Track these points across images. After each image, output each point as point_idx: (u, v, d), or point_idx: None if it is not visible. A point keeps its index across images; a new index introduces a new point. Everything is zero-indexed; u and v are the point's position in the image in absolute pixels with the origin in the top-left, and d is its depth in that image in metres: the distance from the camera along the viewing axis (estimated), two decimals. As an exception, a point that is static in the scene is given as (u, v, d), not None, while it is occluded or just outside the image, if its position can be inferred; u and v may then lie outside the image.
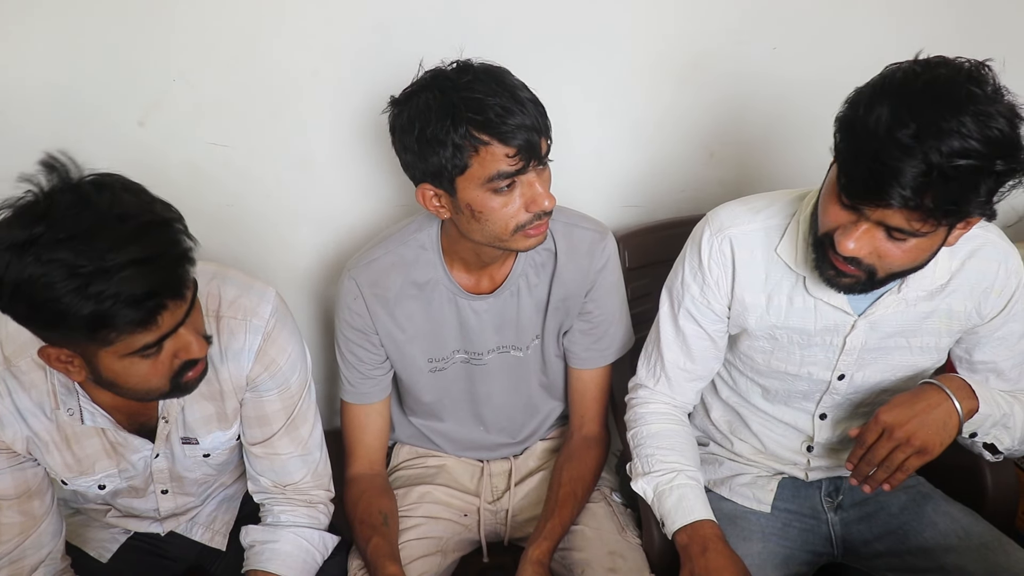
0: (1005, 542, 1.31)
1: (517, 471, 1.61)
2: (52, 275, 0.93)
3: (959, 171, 0.97)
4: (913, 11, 1.77)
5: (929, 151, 0.97)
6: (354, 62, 1.54)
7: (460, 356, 1.49)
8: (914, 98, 0.99)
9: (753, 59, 1.73)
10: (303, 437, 1.36)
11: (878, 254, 1.10)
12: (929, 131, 0.97)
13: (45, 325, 0.99)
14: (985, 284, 1.26)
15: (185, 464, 1.34)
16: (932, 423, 1.20)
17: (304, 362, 1.34)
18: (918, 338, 1.30)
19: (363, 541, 1.40)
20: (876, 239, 1.09)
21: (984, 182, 1.00)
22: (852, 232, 1.09)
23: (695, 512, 1.31)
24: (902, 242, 1.07)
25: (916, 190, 0.99)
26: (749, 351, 1.37)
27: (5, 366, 1.16)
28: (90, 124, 1.46)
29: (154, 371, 1.07)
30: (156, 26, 1.42)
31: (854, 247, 1.09)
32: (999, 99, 1.00)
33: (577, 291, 1.46)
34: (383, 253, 1.42)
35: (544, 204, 1.25)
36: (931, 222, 1.03)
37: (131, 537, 1.45)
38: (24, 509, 1.23)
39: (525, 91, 1.23)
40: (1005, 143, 0.99)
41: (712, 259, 1.32)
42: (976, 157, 0.97)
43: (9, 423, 1.18)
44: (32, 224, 0.95)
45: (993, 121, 0.98)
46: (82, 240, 0.94)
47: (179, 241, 1.01)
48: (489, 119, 1.18)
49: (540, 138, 1.22)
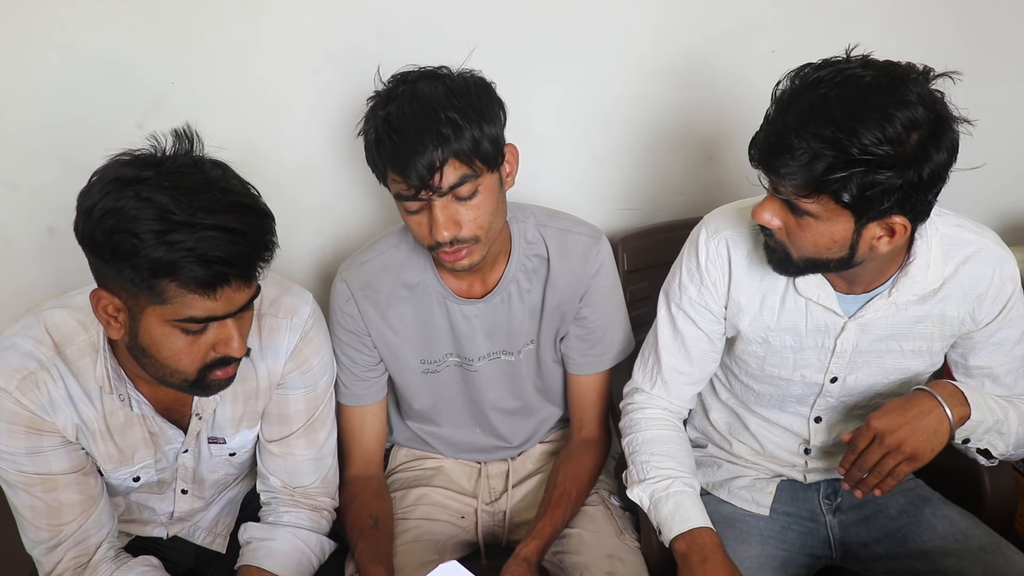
0: (1003, 545, 1.31)
1: (515, 473, 1.60)
2: (144, 212, 0.97)
3: (821, 145, 1.04)
4: (913, 13, 1.78)
5: (806, 125, 1.05)
6: (353, 63, 1.53)
7: (453, 360, 1.49)
8: (819, 84, 1.07)
9: (752, 62, 1.73)
10: (320, 441, 1.37)
11: (787, 230, 1.17)
12: (815, 110, 1.05)
13: (112, 257, 1.00)
14: (979, 290, 1.26)
15: (210, 464, 1.35)
16: (923, 430, 1.20)
17: (333, 367, 1.36)
18: (910, 342, 1.31)
19: (353, 545, 1.40)
20: (784, 212, 1.15)
21: (840, 166, 1.04)
22: (763, 203, 1.17)
23: (692, 520, 1.31)
24: (804, 220, 1.13)
25: (793, 157, 1.06)
26: (743, 355, 1.37)
27: (56, 351, 1.16)
28: (88, 126, 1.46)
29: (188, 352, 1.08)
30: (154, 28, 1.43)
31: (764, 216, 1.17)
32: (906, 105, 1.04)
33: (571, 296, 1.46)
34: (375, 255, 1.42)
35: (440, 235, 1.24)
36: (812, 198, 1.09)
37: (133, 540, 1.45)
38: (82, 487, 1.22)
39: (450, 122, 1.19)
40: (874, 141, 1.03)
41: (710, 260, 1.32)
42: (834, 142, 1.03)
43: (61, 408, 1.18)
44: (144, 167, 1.00)
45: (882, 119, 1.03)
46: (184, 193, 0.98)
47: (269, 232, 1.06)
48: (384, 146, 1.21)
49: (442, 170, 1.19)
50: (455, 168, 1.21)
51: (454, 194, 1.23)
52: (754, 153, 1.14)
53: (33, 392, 1.15)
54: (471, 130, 1.20)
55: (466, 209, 1.25)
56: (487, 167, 1.24)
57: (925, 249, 1.22)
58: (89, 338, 1.17)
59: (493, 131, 1.24)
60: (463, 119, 1.20)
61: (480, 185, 1.24)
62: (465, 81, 1.25)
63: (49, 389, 1.16)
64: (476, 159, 1.22)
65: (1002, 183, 2.03)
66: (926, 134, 1.04)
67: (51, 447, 1.19)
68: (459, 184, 1.22)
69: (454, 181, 1.21)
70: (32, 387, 1.15)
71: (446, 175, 1.20)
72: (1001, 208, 2.08)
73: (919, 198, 1.08)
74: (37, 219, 1.54)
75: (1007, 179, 2.04)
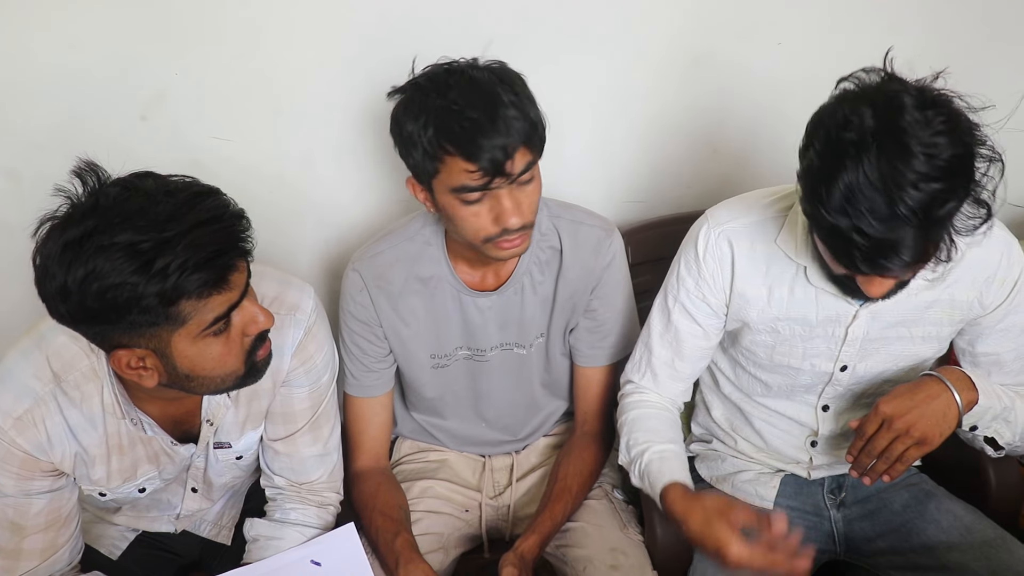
0: (1008, 540, 1.31)
1: (519, 466, 1.60)
2: (116, 259, 0.93)
3: (939, 215, 0.99)
4: (918, 5, 1.76)
5: (900, 210, 0.97)
6: (358, 56, 1.53)
7: (463, 353, 1.49)
8: (867, 164, 0.98)
9: (757, 55, 1.73)
10: (324, 436, 1.36)
11: (896, 286, 1.16)
12: (891, 193, 0.97)
13: (118, 317, 0.97)
14: (988, 273, 1.26)
15: (217, 469, 1.34)
16: (932, 414, 1.20)
17: (335, 360, 1.35)
18: (920, 327, 1.31)
19: (388, 534, 1.37)
20: (890, 282, 1.13)
21: (958, 206, 1.01)
22: (870, 282, 1.12)
23: (656, 485, 1.29)
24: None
25: (913, 252, 1.01)
26: (751, 346, 1.37)
27: (55, 383, 1.14)
28: (91, 119, 1.46)
29: (228, 350, 1.07)
30: (158, 19, 1.42)
31: (878, 293, 1.14)
32: (936, 119, 0.99)
33: (583, 288, 1.46)
34: (388, 247, 1.42)
35: (510, 222, 1.23)
36: (932, 263, 1.07)
37: (140, 534, 1.46)
38: (49, 538, 1.21)
39: (513, 106, 1.19)
40: (957, 164, 0.99)
41: (708, 252, 1.32)
42: (943, 193, 0.98)
43: (59, 442, 1.16)
44: (82, 220, 0.95)
45: (940, 151, 0.98)
46: (138, 219, 0.95)
47: (231, 203, 1.03)
48: (455, 133, 1.17)
49: (513, 156, 1.18)
50: (523, 154, 1.21)
51: (519, 180, 1.23)
52: (857, 267, 1.06)
53: (30, 431, 1.14)
54: (531, 115, 1.21)
55: (524, 195, 1.25)
56: (540, 152, 1.26)
57: None
58: (91, 364, 1.15)
59: (542, 116, 1.25)
60: (521, 105, 1.20)
61: (534, 171, 1.26)
62: (504, 70, 1.25)
63: (47, 426, 1.15)
64: (536, 144, 1.23)
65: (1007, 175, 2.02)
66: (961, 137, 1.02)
67: (39, 491, 1.18)
68: (526, 170, 1.23)
69: (522, 167, 1.22)
70: (29, 426, 1.13)
71: (516, 161, 1.20)
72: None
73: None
74: (40, 210, 1.53)
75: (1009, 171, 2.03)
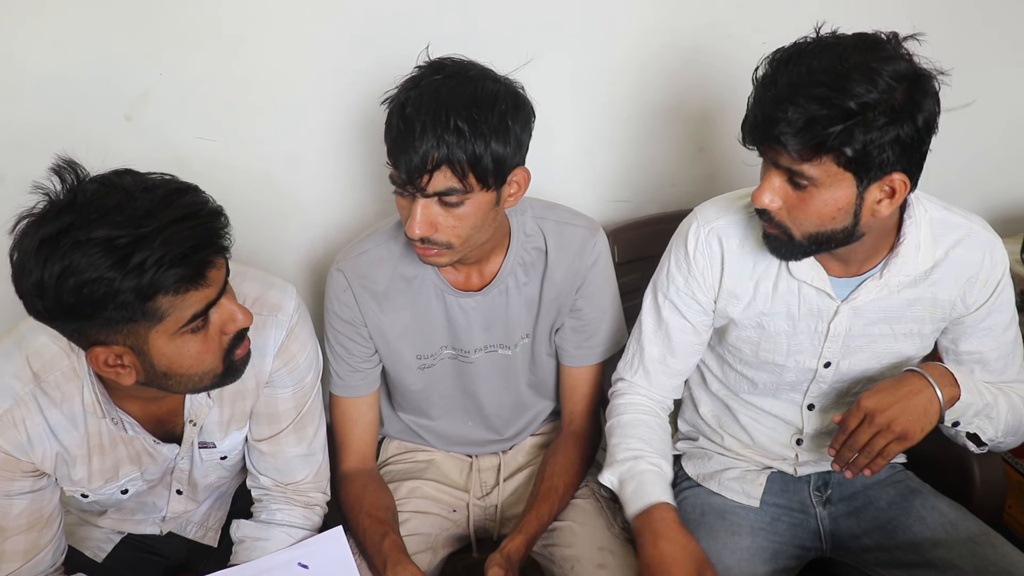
0: (993, 536, 1.32)
1: (506, 466, 1.60)
2: (93, 254, 0.93)
3: (818, 106, 1.06)
4: (903, 5, 1.77)
5: (798, 93, 1.07)
6: (343, 56, 1.53)
7: (448, 352, 1.48)
8: (801, 58, 1.10)
9: (742, 53, 1.71)
10: (309, 436, 1.36)
11: (787, 209, 1.16)
12: (802, 80, 1.08)
13: (95, 312, 0.97)
14: (970, 273, 1.27)
15: (202, 469, 1.34)
16: (913, 409, 1.21)
17: (318, 360, 1.35)
18: (902, 325, 1.31)
19: (376, 535, 1.36)
20: (785, 189, 1.15)
21: (839, 119, 1.05)
22: (762, 185, 1.17)
23: (651, 496, 1.29)
24: (806, 192, 1.13)
25: (790, 123, 1.07)
26: (737, 342, 1.38)
27: (35, 383, 1.14)
28: (76, 119, 1.45)
29: (206, 348, 1.07)
30: (142, 19, 1.41)
31: (765, 197, 1.16)
32: (887, 60, 1.07)
33: (568, 288, 1.46)
34: (373, 246, 1.41)
35: (410, 230, 1.22)
36: (815, 160, 1.09)
37: (125, 536, 1.45)
38: (31, 539, 1.21)
39: (457, 131, 1.15)
40: (866, 91, 1.05)
41: (698, 250, 1.33)
42: (828, 99, 1.05)
43: (39, 442, 1.16)
44: (59, 216, 0.95)
45: (870, 74, 1.05)
46: (115, 215, 0.95)
47: (209, 200, 1.03)
48: (390, 129, 1.20)
49: (432, 173, 1.17)
50: (446, 176, 1.18)
51: (440, 199, 1.21)
52: (747, 131, 1.15)
53: (10, 431, 1.13)
54: (475, 144, 1.16)
55: (448, 215, 1.23)
56: (481, 185, 1.21)
57: (915, 230, 1.24)
58: (71, 364, 1.14)
59: (501, 151, 1.19)
60: (472, 131, 1.16)
61: (468, 199, 1.22)
62: (497, 92, 1.21)
63: (27, 426, 1.14)
64: (471, 174, 1.19)
65: (990, 170, 2.04)
66: (912, 84, 1.07)
67: (19, 492, 1.18)
68: (446, 193, 1.20)
69: (441, 188, 1.19)
70: (9, 426, 1.13)
71: (435, 180, 1.18)
72: (989, 200, 2.09)
73: (916, 149, 1.10)
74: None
75: (994, 168, 2.05)
